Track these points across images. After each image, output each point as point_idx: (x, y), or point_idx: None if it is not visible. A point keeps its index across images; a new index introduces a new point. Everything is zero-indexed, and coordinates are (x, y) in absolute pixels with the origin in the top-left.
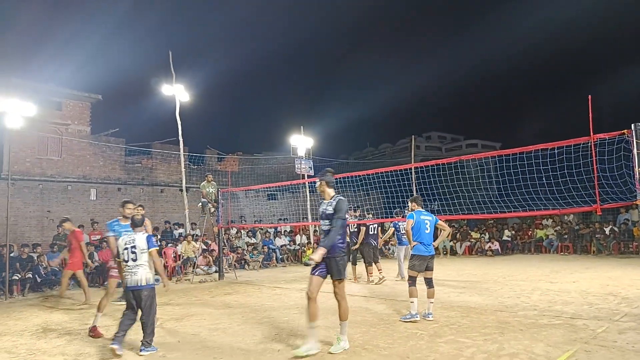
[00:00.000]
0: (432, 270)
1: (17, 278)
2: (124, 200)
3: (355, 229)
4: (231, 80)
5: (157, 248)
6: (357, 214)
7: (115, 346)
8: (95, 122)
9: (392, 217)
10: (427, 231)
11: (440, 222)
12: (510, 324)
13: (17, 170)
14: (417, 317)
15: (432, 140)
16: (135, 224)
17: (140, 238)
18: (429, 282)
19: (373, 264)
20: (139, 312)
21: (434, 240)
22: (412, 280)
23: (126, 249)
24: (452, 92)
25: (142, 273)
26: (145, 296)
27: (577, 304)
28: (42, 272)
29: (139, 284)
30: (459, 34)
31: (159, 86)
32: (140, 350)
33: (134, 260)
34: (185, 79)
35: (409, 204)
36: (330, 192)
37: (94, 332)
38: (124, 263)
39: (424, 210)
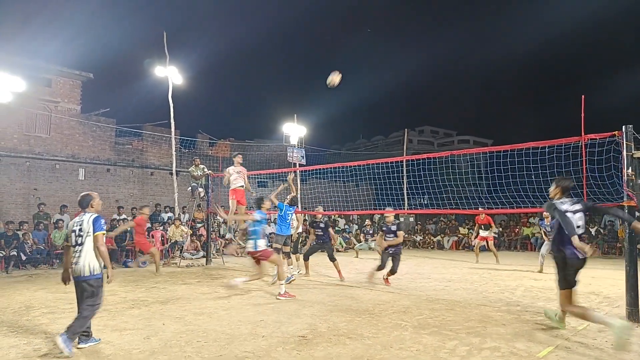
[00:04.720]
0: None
1: (2, 255)
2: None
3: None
4: (225, 65)
5: (104, 232)
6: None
7: (81, 345)
8: (85, 101)
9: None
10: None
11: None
12: (493, 319)
13: (3, 146)
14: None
15: (424, 134)
16: (80, 205)
17: (87, 219)
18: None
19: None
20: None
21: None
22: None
23: (73, 231)
24: (447, 88)
25: (85, 261)
26: (88, 288)
27: None
28: (28, 250)
29: (82, 274)
30: (457, 29)
31: (152, 67)
32: (79, 343)
33: (79, 244)
34: (178, 61)
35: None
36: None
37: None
38: (72, 248)
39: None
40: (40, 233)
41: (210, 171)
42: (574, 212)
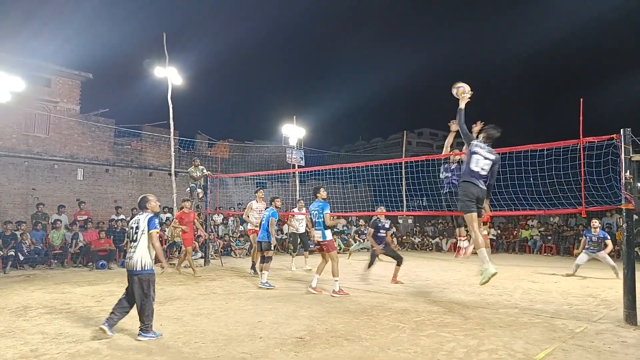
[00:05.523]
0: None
1: None
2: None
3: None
4: (224, 66)
5: (157, 230)
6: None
7: (105, 326)
8: (84, 102)
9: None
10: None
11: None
12: (491, 321)
13: (2, 146)
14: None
15: (423, 136)
16: (139, 206)
17: (143, 218)
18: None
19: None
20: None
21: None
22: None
23: (131, 228)
24: (446, 89)
25: (138, 256)
26: (140, 282)
27: (558, 304)
28: (25, 250)
29: (135, 269)
30: (457, 30)
31: (151, 68)
32: (139, 335)
33: (134, 241)
34: (178, 61)
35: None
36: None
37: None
38: (129, 244)
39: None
40: (38, 233)
41: (209, 172)
42: (485, 157)
